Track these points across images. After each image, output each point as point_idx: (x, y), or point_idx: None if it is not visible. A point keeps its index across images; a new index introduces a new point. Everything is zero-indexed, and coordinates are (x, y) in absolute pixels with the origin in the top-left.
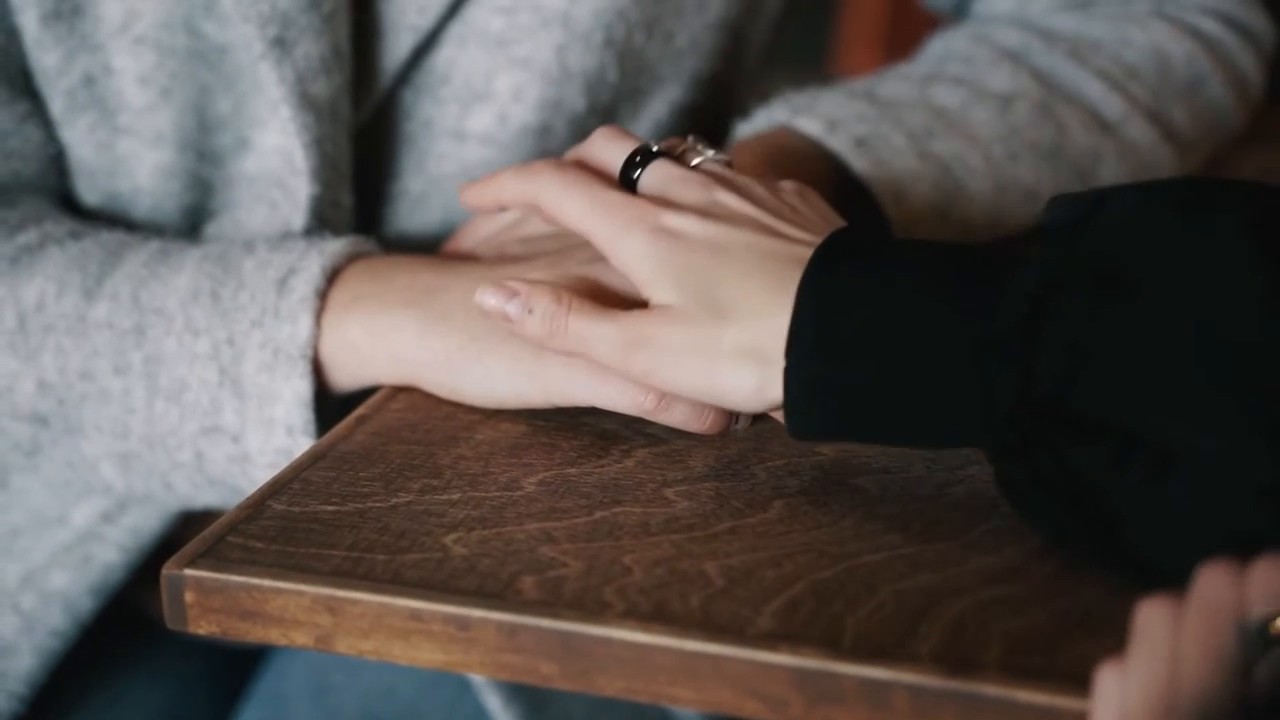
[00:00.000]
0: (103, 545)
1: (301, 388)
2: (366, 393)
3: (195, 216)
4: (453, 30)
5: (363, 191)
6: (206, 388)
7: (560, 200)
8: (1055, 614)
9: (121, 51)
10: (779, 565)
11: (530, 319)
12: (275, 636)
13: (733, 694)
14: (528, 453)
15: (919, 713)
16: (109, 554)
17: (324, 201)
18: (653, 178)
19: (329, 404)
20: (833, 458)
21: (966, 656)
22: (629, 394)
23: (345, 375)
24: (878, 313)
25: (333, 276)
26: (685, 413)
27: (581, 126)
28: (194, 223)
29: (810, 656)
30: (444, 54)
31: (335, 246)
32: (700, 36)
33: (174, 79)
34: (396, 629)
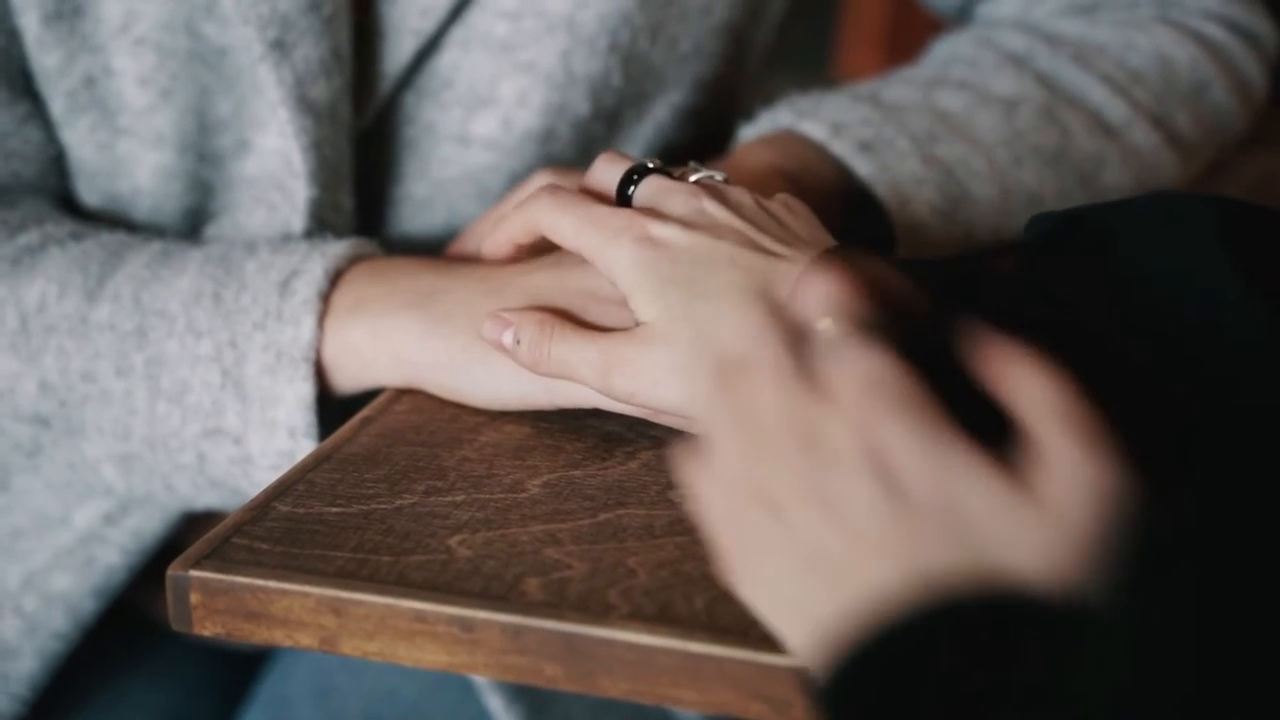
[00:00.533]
0: (105, 547)
1: (304, 390)
2: (369, 395)
3: (195, 218)
4: (455, 34)
5: (366, 195)
6: (208, 390)
7: (555, 221)
8: None
9: (122, 53)
10: None
11: (520, 349)
12: (280, 638)
13: (736, 695)
14: (532, 455)
15: None
16: (111, 556)
17: (323, 204)
18: (645, 191)
19: (331, 406)
20: None
21: None
22: None
23: (347, 377)
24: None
25: (335, 279)
26: (679, 421)
27: (585, 131)
28: (194, 224)
29: None
30: (447, 58)
31: (337, 249)
32: (704, 41)
33: (174, 80)
34: (401, 630)
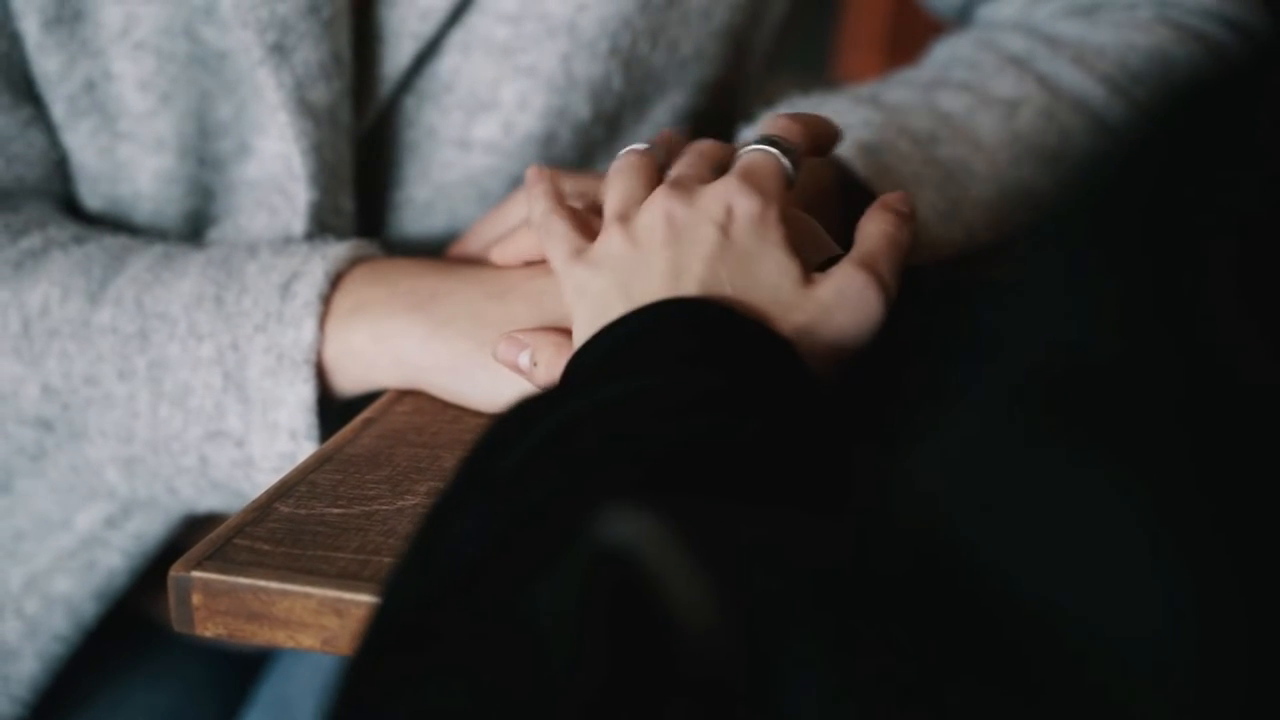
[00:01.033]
0: (106, 550)
1: (305, 392)
2: (370, 396)
3: (197, 222)
4: (455, 38)
5: (368, 198)
6: (210, 392)
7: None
8: None
9: (122, 57)
10: None
11: (536, 371)
12: (282, 639)
13: None
14: None
15: None
16: (113, 559)
17: (324, 208)
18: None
19: (333, 408)
20: None
21: None
22: None
23: (349, 380)
24: None
25: (336, 281)
26: None
27: (586, 134)
28: (196, 228)
29: None
30: (448, 62)
31: (338, 251)
32: (705, 44)
33: (174, 84)
34: None
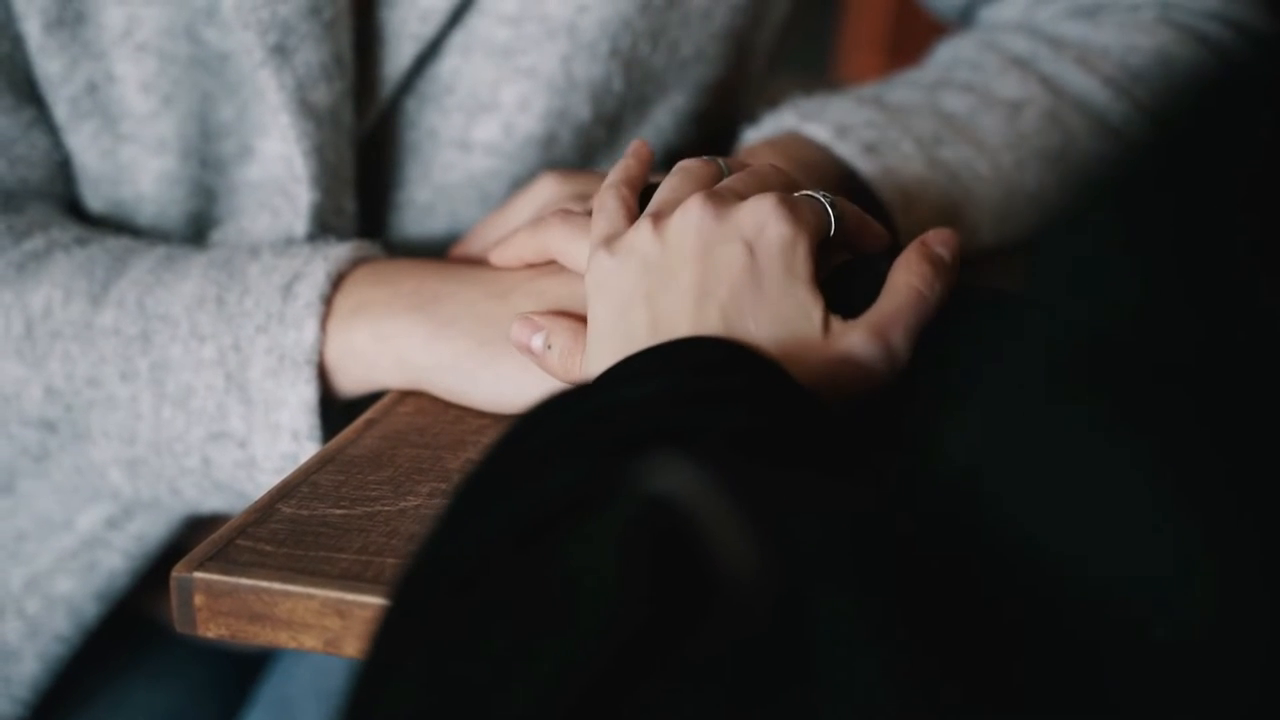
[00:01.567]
0: (108, 551)
1: (307, 393)
2: (372, 397)
3: (200, 223)
4: (456, 39)
5: (369, 200)
6: (213, 393)
7: (566, 247)
8: None
9: (124, 59)
10: None
11: (550, 354)
12: (284, 640)
13: None
14: None
15: None
16: (114, 560)
17: (326, 209)
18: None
19: (335, 409)
20: None
21: None
22: None
23: (351, 380)
24: None
25: (338, 281)
26: None
27: (586, 135)
28: (198, 229)
29: None
30: (448, 63)
31: (340, 251)
32: (706, 45)
33: (176, 86)
34: None
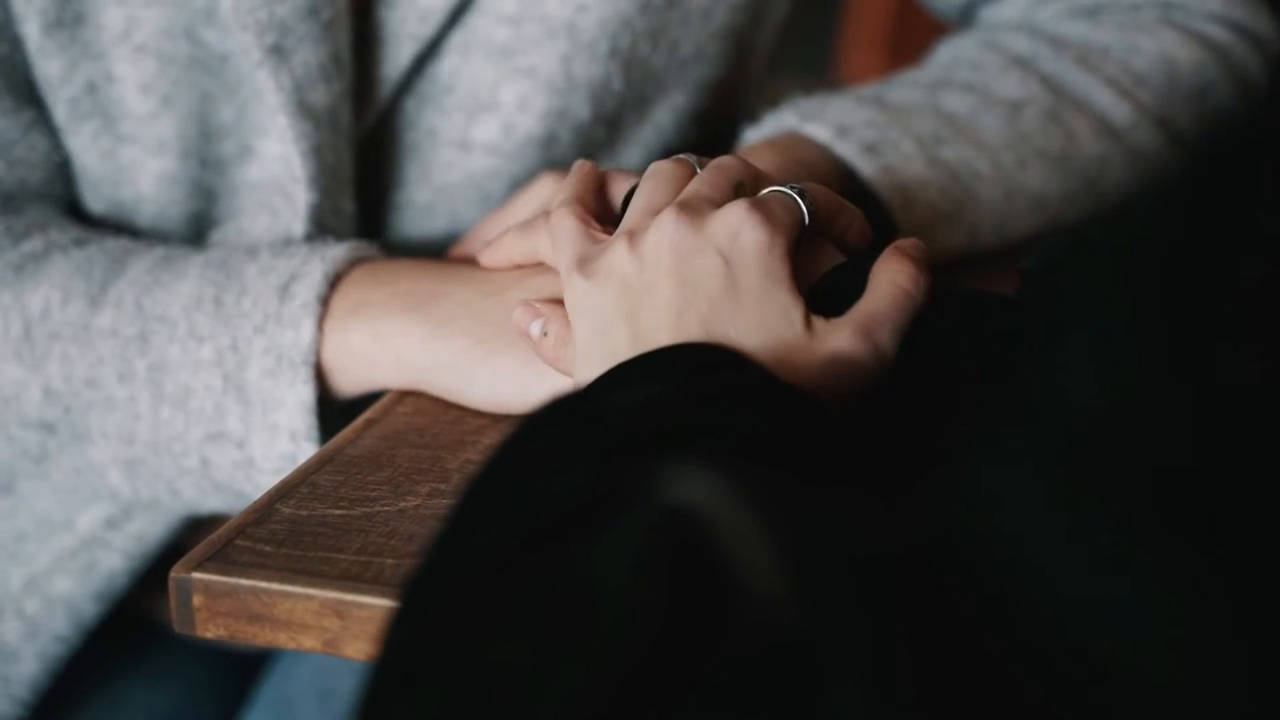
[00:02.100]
0: (107, 551)
1: (304, 393)
2: (371, 398)
3: (199, 224)
4: (455, 39)
5: (369, 200)
6: (211, 394)
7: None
8: None
9: (123, 59)
10: None
11: (545, 341)
12: (283, 640)
13: None
14: None
15: None
16: (113, 560)
17: (324, 210)
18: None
19: (333, 409)
20: None
21: None
22: None
23: (349, 380)
24: None
25: (335, 282)
26: None
27: (586, 135)
28: (198, 230)
29: None
30: (447, 63)
31: (337, 252)
32: (705, 45)
33: (175, 87)
34: None
